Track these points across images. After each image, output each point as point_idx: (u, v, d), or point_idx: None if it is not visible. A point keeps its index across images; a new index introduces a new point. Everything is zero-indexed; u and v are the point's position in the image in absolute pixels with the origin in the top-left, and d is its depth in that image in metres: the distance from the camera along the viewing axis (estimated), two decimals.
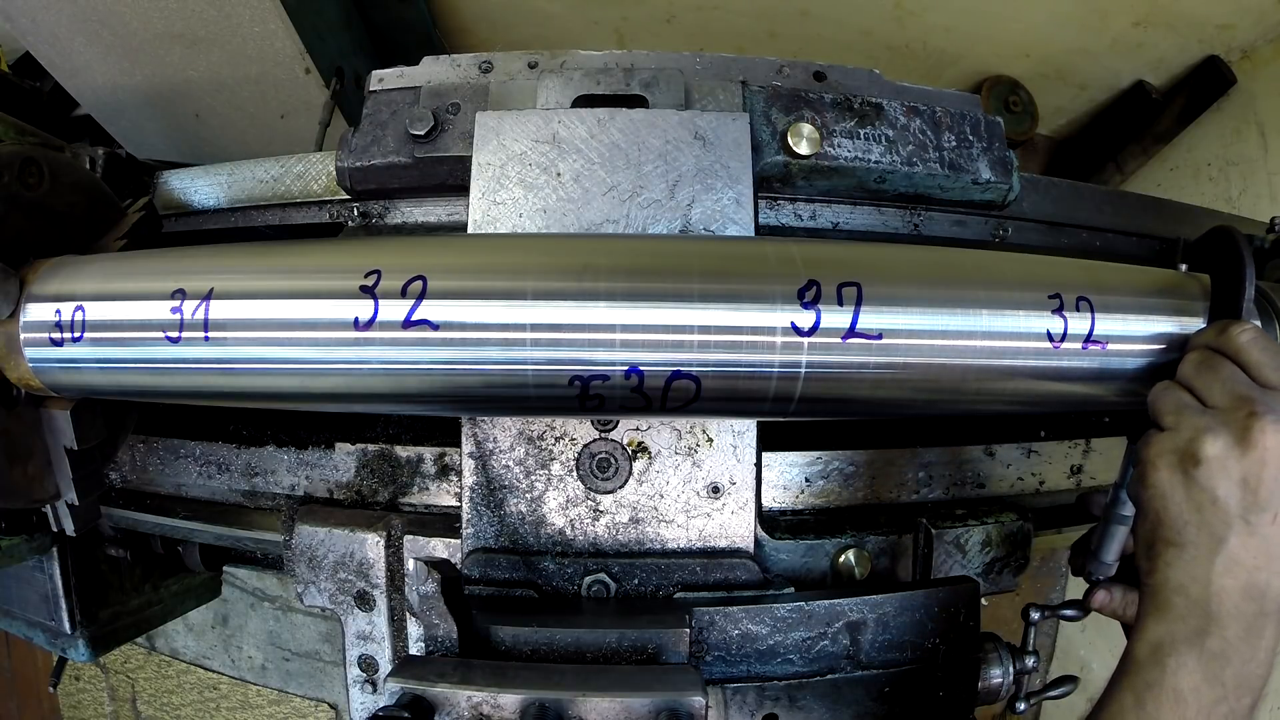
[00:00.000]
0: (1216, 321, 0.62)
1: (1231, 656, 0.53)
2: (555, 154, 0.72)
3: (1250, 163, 1.96)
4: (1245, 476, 0.53)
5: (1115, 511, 0.67)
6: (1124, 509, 0.66)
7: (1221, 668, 0.53)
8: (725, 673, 0.67)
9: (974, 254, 0.64)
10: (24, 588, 0.92)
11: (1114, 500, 0.67)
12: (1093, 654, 2.01)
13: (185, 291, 0.59)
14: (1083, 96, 2.22)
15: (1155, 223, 0.99)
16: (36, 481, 0.72)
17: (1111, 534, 0.67)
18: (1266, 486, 0.53)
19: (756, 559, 0.71)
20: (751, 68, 0.81)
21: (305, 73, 1.50)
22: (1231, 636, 0.53)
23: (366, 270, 0.57)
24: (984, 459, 0.82)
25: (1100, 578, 0.69)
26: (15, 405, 0.69)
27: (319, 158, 0.86)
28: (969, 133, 0.80)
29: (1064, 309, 0.60)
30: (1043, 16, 1.94)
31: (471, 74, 0.81)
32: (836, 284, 0.56)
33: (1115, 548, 0.68)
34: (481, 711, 0.52)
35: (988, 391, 0.61)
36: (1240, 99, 1.99)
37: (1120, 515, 0.66)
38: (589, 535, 0.69)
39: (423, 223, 0.83)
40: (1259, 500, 0.53)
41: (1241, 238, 0.63)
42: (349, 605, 0.75)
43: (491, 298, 0.56)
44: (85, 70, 1.51)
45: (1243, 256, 0.61)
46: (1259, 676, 0.54)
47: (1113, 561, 0.68)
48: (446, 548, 0.73)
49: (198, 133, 1.68)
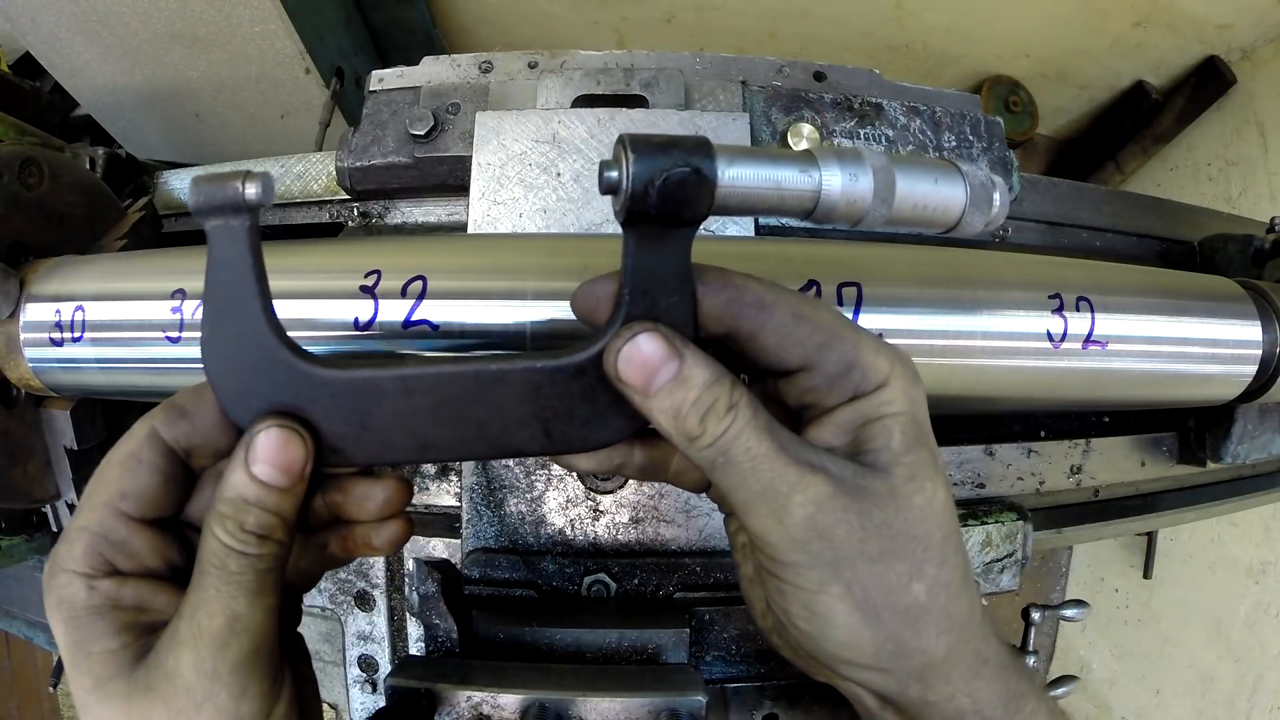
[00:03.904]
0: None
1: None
2: (555, 154, 0.72)
3: (1250, 163, 1.96)
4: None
5: None
6: None
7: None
8: (725, 673, 0.67)
9: (974, 254, 0.64)
10: (24, 588, 0.92)
11: None
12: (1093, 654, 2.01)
13: (185, 292, 0.59)
14: (1083, 96, 2.22)
15: (1155, 223, 0.99)
16: (36, 481, 0.72)
17: None
18: None
19: None
20: (751, 68, 0.81)
21: (305, 73, 1.50)
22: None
23: (366, 270, 0.57)
24: (984, 459, 0.82)
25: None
26: (15, 405, 0.69)
27: (319, 158, 0.86)
28: (969, 133, 0.80)
29: (1064, 309, 0.60)
30: (1043, 16, 1.94)
31: (471, 74, 0.81)
32: (836, 284, 0.56)
33: None
34: (481, 711, 0.52)
35: (988, 392, 0.61)
36: (1240, 99, 2.00)
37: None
38: (589, 535, 0.69)
39: (423, 223, 0.83)
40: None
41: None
42: (349, 605, 0.75)
43: (491, 298, 0.56)
44: (85, 70, 1.51)
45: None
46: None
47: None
48: (446, 548, 0.73)
49: (198, 133, 1.68)
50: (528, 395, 0.42)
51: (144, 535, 0.41)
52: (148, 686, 0.38)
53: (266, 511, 0.40)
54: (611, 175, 0.38)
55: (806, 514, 0.38)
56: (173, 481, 0.42)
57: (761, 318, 0.41)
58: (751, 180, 0.39)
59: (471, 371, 0.42)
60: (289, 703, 0.43)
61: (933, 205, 0.42)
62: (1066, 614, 0.79)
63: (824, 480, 0.39)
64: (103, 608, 0.39)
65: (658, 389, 0.40)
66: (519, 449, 0.44)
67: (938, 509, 0.40)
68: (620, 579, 0.68)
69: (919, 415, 0.42)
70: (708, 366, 0.40)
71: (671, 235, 0.40)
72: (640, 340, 0.40)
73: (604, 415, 0.43)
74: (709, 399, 0.39)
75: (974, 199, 0.42)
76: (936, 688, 0.41)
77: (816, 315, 0.42)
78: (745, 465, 0.39)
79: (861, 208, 0.41)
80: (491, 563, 0.68)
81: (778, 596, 0.42)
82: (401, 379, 0.42)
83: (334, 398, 0.42)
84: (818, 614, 0.40)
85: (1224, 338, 0.67)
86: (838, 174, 0.40)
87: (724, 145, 0.39)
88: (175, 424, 0.42)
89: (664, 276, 0.41)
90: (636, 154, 0.37)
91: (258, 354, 0.41)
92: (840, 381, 0.41)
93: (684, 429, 0.40)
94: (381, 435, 0.42)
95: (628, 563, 0.69)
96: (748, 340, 0.42)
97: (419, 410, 0.42)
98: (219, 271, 0.40)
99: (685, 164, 0.37)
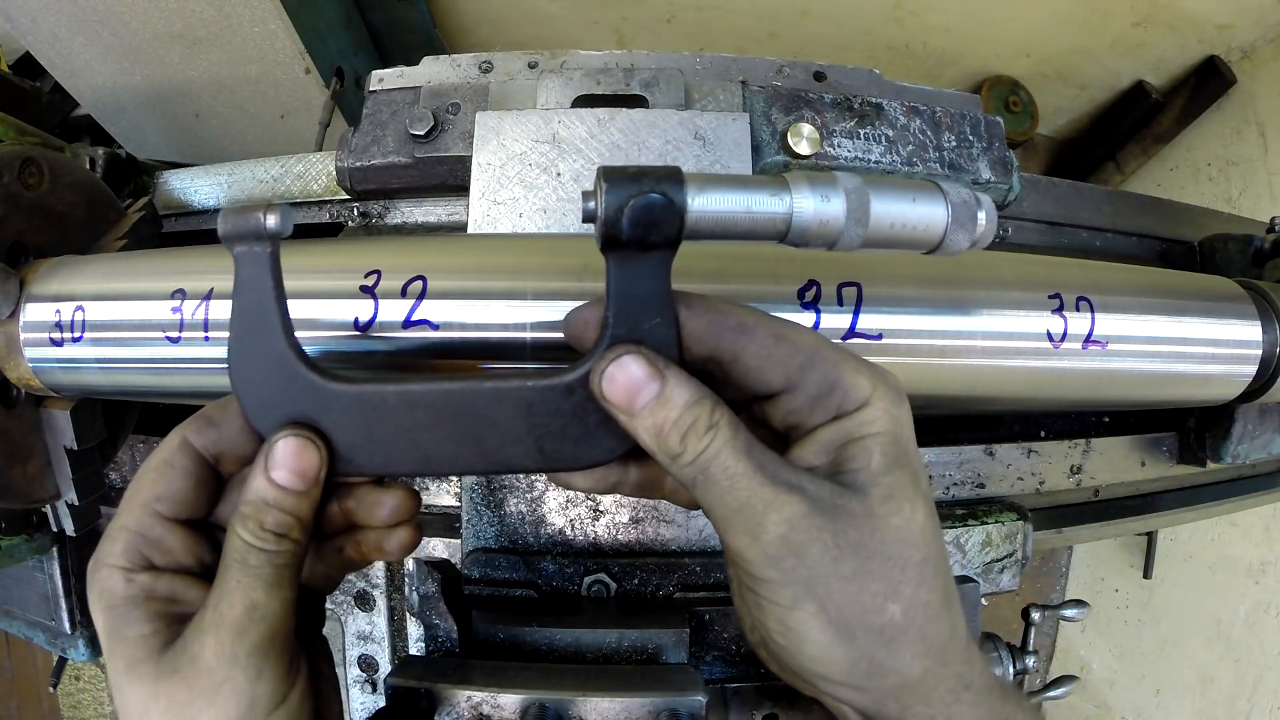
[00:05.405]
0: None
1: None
2: (555, 154, 0.72)
3: (1250, 163, 1.97)
4: None
5: None
6: None
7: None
8: (725, 673, 0.67)
9: (974, 254, 0.64)
10: (24, 588, 0.92)
11: None
12: (1093, 654, 2.01)
13: (185, 291, 0.59)
14: (1083, 96, 2.22)
15: (1155, 223, 0.99)
16: (36, 481, 0.72)
17: None
18: None
19: None
20: (751, 68, 0.81)
21: (305, 73, 1.50)
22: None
23: (366, 270, 0.57)
24: (984, 459, 0.82)
25: None
26: (15, 405, 0.69)
27: (319, 158, 0.86)
28: (969, 133, 0.80)
29: (1064, 309, 0.60)
30: (1043, 16, 1.95)
31: (471, 74, 0.81)
32: (836, 284, 0.56)
33: None
34: (481, 711, 0.52)
35: (988, 392, 0.61)
36: (1240, 99, 2.00)
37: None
38: (589, 535, 0.69)
39: (423, 223, 0.83)
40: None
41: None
42: (348, 605, 0.75)
43: (491, 298, 0.56)
44: (85, 70, 1.51)
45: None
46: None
47: None
48: (446, 548, 0.73)
49: (198, 133, 1.68)
50: (520, 412, 0.45)
51: (177, 534, 0.45)
52: (174, 669, 0.41)
53: (284, 512, 0.43)
54: (589, 205, 0.41)
55: (780, 532, 0.39)
56: (203, 485, 0.46)
57: (743, 340, 0.42)
58: (722, 205, 0.41)
59: (468, 388, 0.45)
60: (304, 692, 0.45)
61: (912, 224, 0.42)
62: (1066, 614, 0.79)
63: (799, 499, 0.39)
64: (138, 598, 0.43)
65: (641, 408, 0.41)
66: (515, 465, 0.46)
67: (915, 530, 0.41)
68: (620, 579, 0.68)
69: (901, 435, 0.42)
70: (689, 387, 0.41)
71: (648, 259, 0.42)
72: (624, 361, 0.41)
73: (595, 434, 0.45)
74: (689, 418, 0.40)
75: (956, 217, 0.42)
76: (914, 709, 0.41)
77: (797, 337, 0.42)
78: (723, 483, 0.40)
79: (835, 229, 0.41)
80: (491, 563, 0.68)
81: (756, 611, 0.42)
82: (404, 394, 0.45)
83: (344, 410, 0.45)
84: (792, 630, 0.40)
85: (1224, 338, 0.67)
86: (809, 197, 0.41)
87: (695, 174, 0.41)
88: (204, 432, 0.46)
89: (645, 300, 0.43)
90: (609, 183, 0.40)
91: (278, 368, 0.44)
92: (822, 401, 0.42)
93: (666, 447, 0.41)
94: (386, 447, 0.45)
95: (628, 563, 0.69)
96: (731, 363, 0.43)
97: (420, 424, 0.45)
98: (245, 293, 0.44)
99: (653, 190, 0.39)
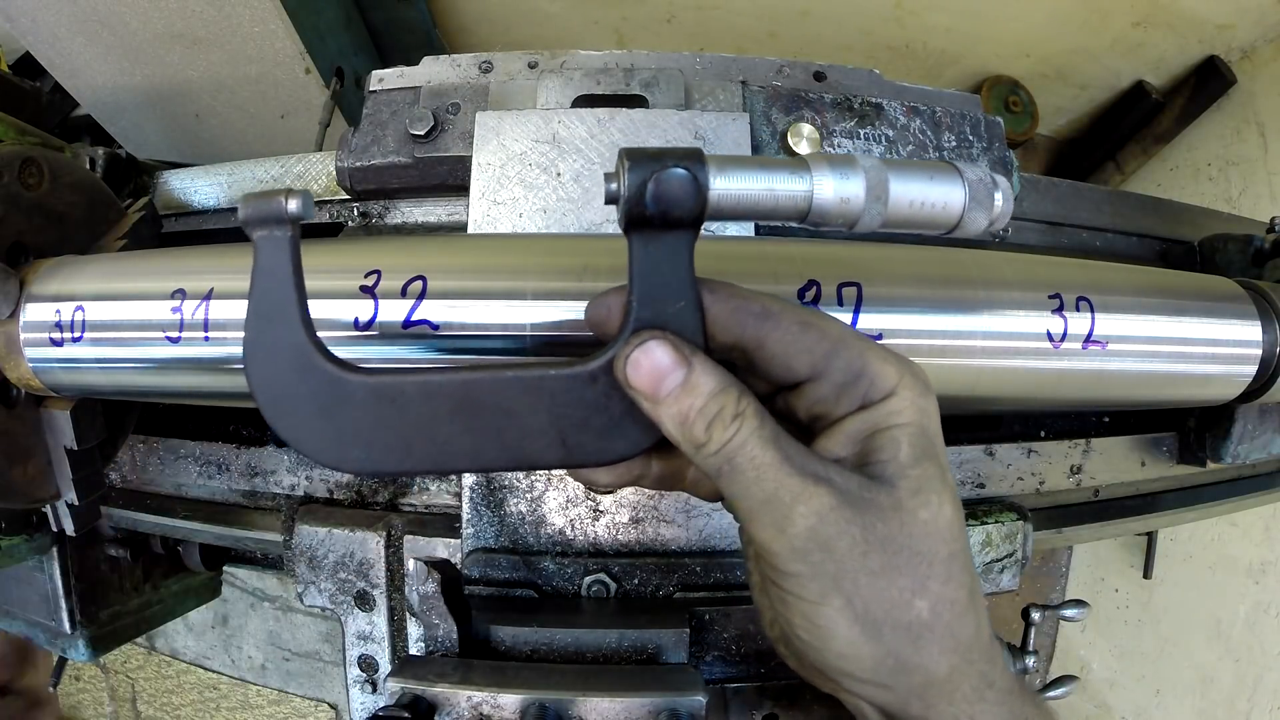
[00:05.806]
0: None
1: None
2: (555, 154, 0.72)
3: (1250, 163, 1.96)
4: None
5: None
6: None
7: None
8: (725, 673, 0.67)
9: (974, 254, 0.64)
10: (24, 588, 0.92)
11: None
12: (1093, 654, 2.01)
13: (185, 291, 0.59)
14: (1083, 96, 2.22)
15: (1155, 223, 0.99)
16: (36, 481, 0.72)
17: None
18: None
19: None
20: (751, 68, 0.81)
21: (305, 73, 1.50)
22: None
23: (366, 270, 0.57)
24: (984, 459, 0.82)
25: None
26: (15, 405, 0.69)
27: (319, 158, 0.86)
28: (969, 133, 0.80)
29: (1064, 309, 0.60)
30: (1043, 16, 1.94)
31: (471, 74, 0.81)
32: (837, 284, 0.56)
33: None
34: (481, 711, 0.52)
35: (988, 392, 0.61)
36: (1240, 99, 2.00)
37: None
38: (589, 535, 0.69)
39: (423, 223, 0.83)
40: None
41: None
42: (349, 605, 0.75)
43: (491, 298, 0.56)
44: (85, 70, 1.51)
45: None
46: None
47: None
48: (446, 548, 0.73)
49: (198, 133, 1.68)
50: (542, 401, 0.43)
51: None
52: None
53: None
54: (612, 186, 0.41)
55: (808, 525, 0.38)
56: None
57: (768, 326, 0.41)
58: (744, 185, 0.41)
59: (489, 378, 0.43)
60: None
61: (931, 204, 0.42)
62: (1066, 614, 0.79)
63: (827, 492, 0.38)
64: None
65: (666, 395, 0.40)
66: (537, 460, 0.44)
67: (944, 525, 0.40)
68: (620, 579, 0.68)
69: (929, 427, 0.41)
70: (715, 375, 0.40)
71: (671, 240, 0.41)
72: (650, 346, 0.40)
73: (619, 425, 0.44)
74: (715, 406, 0.39)
75: (974, 197, 0.42)
76: (938, 707, 0.40)
77: (823, 324, 0.42)
78: (750, 474, 0.39)
79: (856, 208, 0.41)
80: (491, 563, 0.68)
81: (780, 606, 0.42)
82: (423, 385, 0.43)
83: (362, 403, 0.43)
84: (818, 626, 0.40)
85: (1224, 338, 0.67)
86: (829, 176, 0.41)
87: (716, 155, 0.41)
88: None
89: (669, 282, 0.42)
90: (632, 162, 0.40)
91: (295, 357, 0.43)
92: (848, 390, 0.41)
93: (691, 435, 0.40)
94: (406, 441, 0.44)
95: (628, 563, 0.69)
96: (756, 349, 0.42)
97: (439, 417, 0.43)
98: (263, 279, 0.44)
99: (676, 165, 0.39)
